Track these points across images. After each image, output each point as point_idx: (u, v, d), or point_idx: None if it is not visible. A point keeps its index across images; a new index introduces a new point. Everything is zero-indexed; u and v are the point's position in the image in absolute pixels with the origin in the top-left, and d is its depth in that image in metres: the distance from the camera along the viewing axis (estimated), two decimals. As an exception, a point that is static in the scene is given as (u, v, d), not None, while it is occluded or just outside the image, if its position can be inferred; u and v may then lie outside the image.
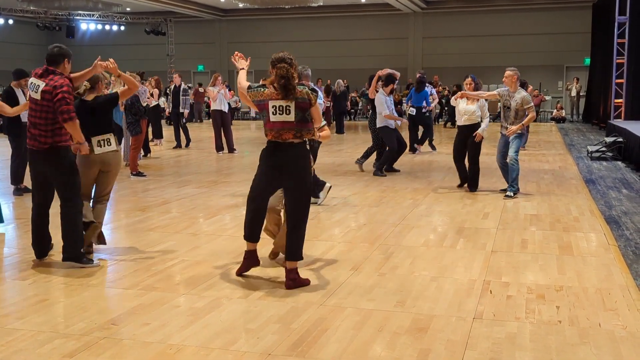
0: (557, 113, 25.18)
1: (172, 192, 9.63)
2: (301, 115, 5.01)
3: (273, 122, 5.01)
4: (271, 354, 3.82)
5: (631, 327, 4.23)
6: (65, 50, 5.80)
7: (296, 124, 4.99)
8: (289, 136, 5.00)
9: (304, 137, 5.06)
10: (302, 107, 5.02)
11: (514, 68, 8.96)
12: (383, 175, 11.02)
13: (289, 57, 5.13)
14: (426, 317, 4.41)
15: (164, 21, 30.48)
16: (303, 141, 5.07)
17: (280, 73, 4.98)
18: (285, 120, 4.99)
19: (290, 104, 4.99)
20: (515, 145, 8.89)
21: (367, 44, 29.99)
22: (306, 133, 5.06)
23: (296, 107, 5.00)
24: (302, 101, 5.02)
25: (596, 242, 6.47)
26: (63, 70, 5.70)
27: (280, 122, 4.99)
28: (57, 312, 4.59)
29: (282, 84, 4.97)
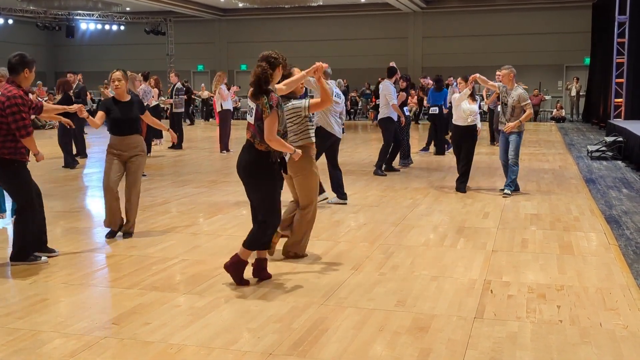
0: (557, 113, 25.18)
1: (172, 191, 9.63)
2: (259, 122, 4.92)
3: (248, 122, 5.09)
4: (272, 354, 3.82)
5: (632, 326, 4.23)
6: (26, 59, 5.62)
7: (253, 127, 4.97)
8: (248, 135, 5.04)
9: (256, 145, 4.94)
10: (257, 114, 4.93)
11: (508, 66, 9.02)
12: (383, 174, 11.04)
13: (273, 56, 5.01)
14: (427, 316, 4.41)
15: (163, 21, 30.47)
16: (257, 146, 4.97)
17: (256, 72, 4.92)
18: (249, 121, 5.03)
19: (253, 106, 4.97)
20: (515, 144, 8.90)
21: (367, 43, 29.99)
22: (257, 142, 4.94)
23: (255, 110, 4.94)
24: (258, 108, 4.92)
25: (596, 242, 6.47)
26: (22, 80, 5.60)
27: (249, 123, 5.05)
28: (57, 311, 4.58)
29: (251, 82, 4.97)
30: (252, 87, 4.97)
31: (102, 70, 29.62)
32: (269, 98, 4.89)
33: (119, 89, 6.66)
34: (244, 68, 32.28)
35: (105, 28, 31.18)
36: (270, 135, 4.87)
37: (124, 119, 6.64)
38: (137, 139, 6.75)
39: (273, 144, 4.91)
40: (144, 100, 12.52)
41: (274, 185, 5.06)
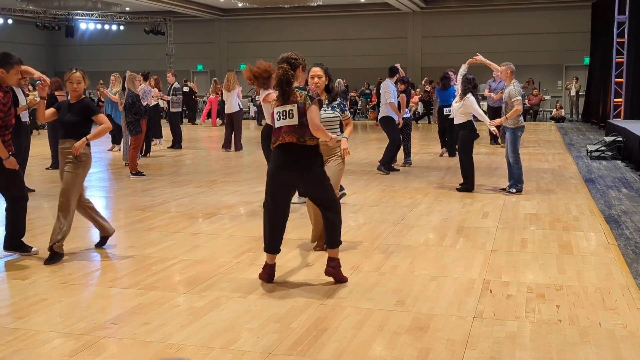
0: (557, 112, 25.18)
1: (172, 191, 9.63)
2: (303, 120, 4.92)
3: (277, 128, 5.01)
4: (271, 353, 3.82)
5: (631, 326, 4.23)
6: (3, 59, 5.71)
7: (299, 128, 4.93)
8: (291, 138, 4.93)
9: (307, 142, 4.95)
10: (301, 111, 4.93)
11: (506, 63, 9.09)
12: (387, 172, 11.08)
13: (293, 57, 5.08)
14: (426, 316, 4.41)
15: (163, 21, 30.47)
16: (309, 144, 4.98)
17: (278, 74, 4.96)
18: (291, 124, 4.94)
19: (293, 108, 4.93)
20: (510, 142, 8.99)
21: (366, 43, 30.00)
22: (308, 139, 4.95)
23: (298, 111, 4.93)
24: (299, 105, 4.93)
25: (596, 242, 6.47)
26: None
27: (286, 126, 4.95)
28: (57, 311, 4.58)
29: (274, 86, 5.00)
30: (277, 91, 4.99)
31: (102, 70, 29.68)
32: (307, 90, 4.97)
33: (77, 91, 6.03)
34: (243, 68, 32.14)
35: (105, 28, 31.18)
36: (317, 124, 4.91)
37: (61, 122, 6.08)
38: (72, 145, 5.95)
39: (319, 133, 4.94)
40: (143, 100, 12.51)
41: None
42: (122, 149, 13.42)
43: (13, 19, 28.59)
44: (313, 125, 4.90)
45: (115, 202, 8.90)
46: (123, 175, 11.40)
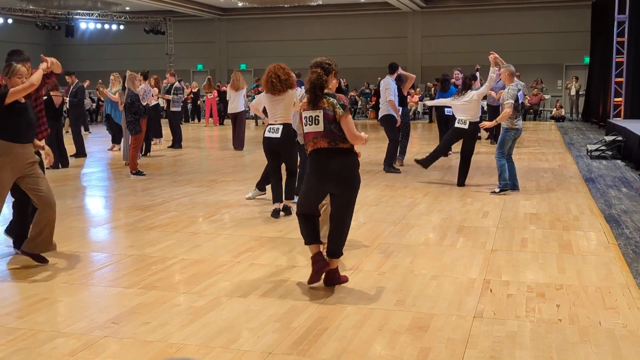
0: (557, 112, 25.19)
1: (172, 191, 9.63)
2: (329, 127, 4.83)
3: (307, 134, 4.95)
4: (271, 353, 3.82)
5: (631, 325, 4.23)
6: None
7: (328, 134, 4.84)
8: (322, 144, 4.86)
9: (339, 145, 4.86)
10: (327, 118, 4.84)
11: (507, 65, 9.14)
12: (397, 171, 11.11)
13: (327, 62, 4.99)
14: (426, 315, 4.41)
15: (163, 20, 30.48)
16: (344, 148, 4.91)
17: (311, 78, 4.87)
18: (316, 130, 4.87)
19: (318, 114, 4.86)
20: (499, 140, 9.14)
21: (366, 42, 30.00)
22: (340, 142, 4.86)
23: (324, 117, 4.84)
24: (325, 112, 4.85)
25: (596, 241, 6.47)
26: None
27: (313, 133, 4.89)
28: (57, 311, 4.59)
29: (307, 90, 4.91)
30: (308, 95, 4.90)
31: (102, 70, 29.70)
32: (337, 98, 4.88)
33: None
34: (243, 67, 32.28)
35: (105, 27, 31.18)
36: (355, 134, 4.85)
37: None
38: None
39: (357, 141, 4.88)
40: (143, 99, 12.50)
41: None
42: (122, 149, 13.43)
43: (13, 19, 28.57)
44: (351, 135, 4.83)
45: (115, 202, 8.90)
46: (123, 174, 11.41)
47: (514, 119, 8.89)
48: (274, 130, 7.43)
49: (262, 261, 5.77)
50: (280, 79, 7.30)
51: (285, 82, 7.34)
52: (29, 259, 5.81)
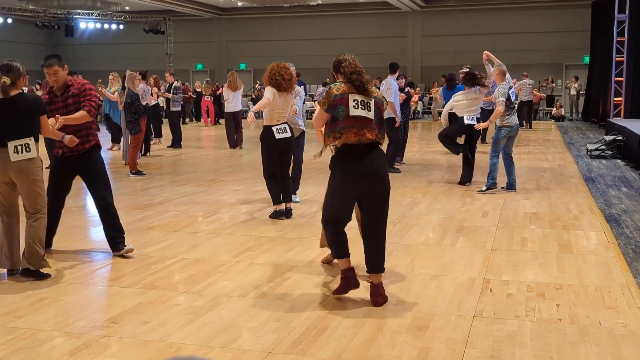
0: (557, 111, 25.18)
1: (172, 190, 9.62)
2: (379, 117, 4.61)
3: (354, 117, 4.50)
4: (271, 352, 3.82)
5: (631, 325, 4.23)
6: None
7: (375, 124, 4.58)
8: (371, 135, 4.54)
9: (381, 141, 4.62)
10: (379, 108, 4.63)
11: (498, 64, 9.20)
12: (397, 171, 11.10)
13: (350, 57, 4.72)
14: (426, 315, 4.41)
15: (162, 20, 30.47)
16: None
17: (350, 70, 4.60)
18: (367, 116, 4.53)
19: (370, 101, 4.59)
20: (493, 138, 9.20)
21: (366, 42, 29.96)
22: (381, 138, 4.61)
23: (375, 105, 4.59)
24: (377, 101, 4.64)
25: (596, 240, 6.47)
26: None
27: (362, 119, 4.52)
28: (57, 310, 4.58)
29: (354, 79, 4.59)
30: (354, 83, 4.57)
31: (101, 70, 29.67)
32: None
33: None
34: (243, 67, 32.28)
35: (105, 27, 31.19)
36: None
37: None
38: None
39: (384, 139, 4.69)
40: (142, 99, 12.50)
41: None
42: (121, 148, 13.42)
43: (13, 18, 28.58)
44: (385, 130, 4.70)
45: (115, 201, 8.85)
46: (123, 174, 11.40)
47: (506, 116, 8.95)
48: (282, 130, 7.46)
49: (262, 261, 5.77)
50: (285, 79, 7.34)
51: (289, 82, 7.41)
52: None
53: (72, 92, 5.75)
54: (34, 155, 5.19)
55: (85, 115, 5.69)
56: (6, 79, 5.12)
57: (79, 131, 5.73)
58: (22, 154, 5.14)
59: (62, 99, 5.81)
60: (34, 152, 5.19)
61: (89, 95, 5.76)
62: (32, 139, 5.18)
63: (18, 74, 5.19)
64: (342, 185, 4.59)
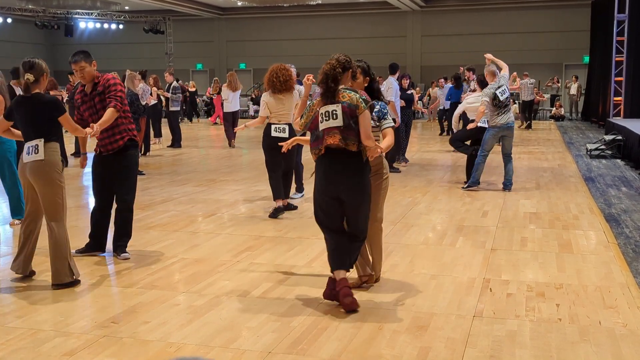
0: (556, 111, 25.17)
1: (171, 190, 9.62)
2: (348, 122, 4.47)
3: (322, 129, 4.52)
4: (271, 352, 3.82)
5: (631, 324, 4.23)
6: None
7: (344, 130, 4.47)
8: (333, 140, 4.47)
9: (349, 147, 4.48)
10: (349, 113, 4.47)
11: (487, 65, 9.31)
12: (397, 170, 11.12)
13: (345, 58, 4.58)
14: (426, 315, 4.41)
15: (162, 20, 30.46)
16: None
17: (324, 69, 4.52)
18: (335, 125, 4.47)
19: (336, 108, 4.47)
20: (482, 139, 9.27)
21: (365, 42, 29.96)
22: (351, 144, 4.48)
23: (342, 111, 4.46)
24: (346, 106, 4.48)
25: (596, 240, 6.47)
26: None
27: (330, 128, 4.49)
28: (57, 310, 4.58)
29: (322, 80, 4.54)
30: (322, 89, 4.54)
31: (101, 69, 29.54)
32: (360, 94, 4.56)
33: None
34: (242, 67, 32.28)
35: (104, 27, 31.18)
36: (369, 133, 4.48)
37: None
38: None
39: (369, 142, 4.47)
40: (142, 99, 12.49)
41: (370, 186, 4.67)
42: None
43: (12, 18, 28.57)
44: (366, 134, 4.46)
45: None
46: (122, 174, 11.39)
47: (495, 116, 9.00)
48: (280, 130, 7.53)
49: (262, 260, 5.77)
50: (280, 80, 7.41)
51: (284, 83, 7.46)
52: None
53: (98, 90, 5.69)
54: (42, 157, 5.01)
55: (113, 113, 5.58)
56: (29, 76, 5.07)
57: (106, 130, 5.66)
58: (32, 156, 5.04)
59: (90, 97, 5.75)
60: (42, 155, 5.01)
61: (113, 90, 5.67)
62: (41, 141, 5.04)
63: (40, 71, 5.13)
64: (317, 190, 4.65)
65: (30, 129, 5.09)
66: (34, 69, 5.09)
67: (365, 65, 5.02)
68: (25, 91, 5.09)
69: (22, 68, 5.09)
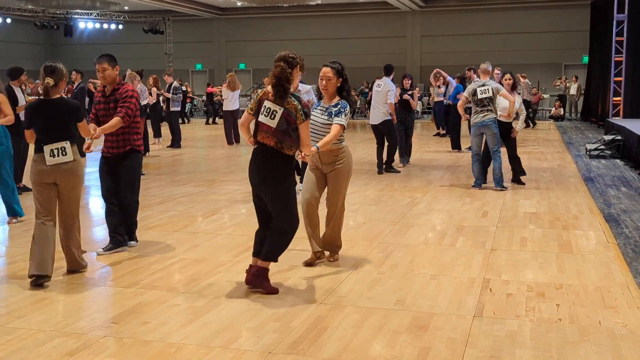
0: (556, 111, 25.17)
1: (171, 190, 9.62)
2: (284, 127, 4.75)
3: (260, 123, 4.79)
4: (271, 352, 3.82)
5: (631, 324, 4.23)
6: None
7: (278, 133, 4.75)
8: (268, 140, 4.78)
9: (284, 150, 4.78)
10: (287, 119, 4.75)
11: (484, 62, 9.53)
12: (397, 171, 11.12)
13: (291, 56, 4.86)
14: (426, 315, 4.41)
15: (162, 20, 30.45)
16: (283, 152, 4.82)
17: (275, 72, 4.77)
18: (269, 124, 4.76)
19: (278, 110, 4.74)
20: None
21: (365, 42, 29.98)
22: (287, 147, 4.79)
23: (282, 116, 4.74)
24: (287, 113, 4.74)
25: (595, 240, 6.47)
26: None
27: (265, 125, 4.77)
28: (57, 310, 4.58)
29: (273, 85, 4.78)
30: (273, 89, 4.76)
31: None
32: (302, 104, 4.80)
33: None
34: (242, 67, 32.27)
35: (104, 27, 31.16)
36: (308, 142, 4.86)
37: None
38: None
39: (306, 149, 4.89)
40: (141, 99, 12.48)
41: (293, 188, 4.93)
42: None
43: (12, 18, 28.55)
44: (306, 143, 4.85)
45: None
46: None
47: (473, 114, 9.16)
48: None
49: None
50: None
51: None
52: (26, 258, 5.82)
53: (116, 97, 5.95)
54: (70, 158, 5.21)
55: (118, 122, 5.82)
56: (49, 80, 5.19)
57: (115, 135, 5.94)
58: (58, 158, 5.17)
59: (108, 100, 6.02)
60: (70, 156, 5.21)
61: (128, 102, 5.92)
62: (68, 143, 5.22)
63: (60, 76, 5.28)
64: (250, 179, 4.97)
65: (54, 132, 5.20)
66: (55, 73, 5.24)
67: (339, 67, 5.48)
68: (45, 95, 5.22)
69: (44, 71, 5.24)
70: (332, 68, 5.42)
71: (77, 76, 14.52)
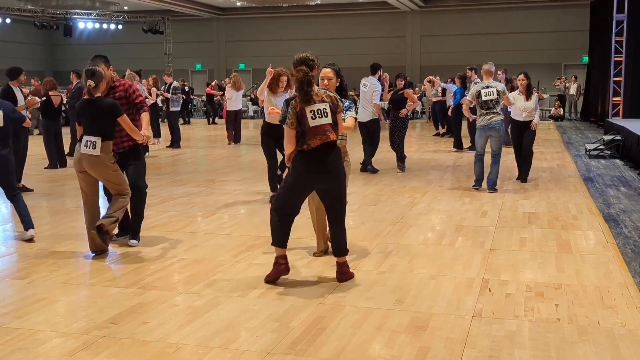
0: (555, 111, 25.17)
1: (171, 190, 9.62)
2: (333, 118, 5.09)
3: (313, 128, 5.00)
4: (270, 353, 3.82)
5: (630, 324, 4.23)
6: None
7: (333, 126, 5.08)
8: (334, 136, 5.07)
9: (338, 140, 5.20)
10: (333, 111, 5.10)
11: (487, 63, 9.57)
12: (375, 170, 11.10)
13: (311, 58, 5.31)
14: (425, 315, 4.41)
15: (161, 20, 30.46)
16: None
17: (298, 77, 5.02)
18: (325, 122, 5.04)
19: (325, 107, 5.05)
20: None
21: (365, 42, 29.99)
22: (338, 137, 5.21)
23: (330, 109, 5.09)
24: (332, 105, 5.10)
25: (595, 240, 6.47)
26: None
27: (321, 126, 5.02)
28: (56, 311, 4.58)
29: (298, 89, 5.04)
30: (299, 93, 5.02)
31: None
32: (334, 93, 5.23)
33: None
34: (242, 67, 32.27)
35: (103, 27, 31.15)
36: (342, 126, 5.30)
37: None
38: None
39: (345, 130, 5.43)
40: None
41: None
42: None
43: (11, 18, 28.55)
44: (342, 127, 5.27)
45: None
46: (122, 174, 11.38)
47: (479, 117, 9.12)
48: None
49: (261, 261, 5.77)
50: (279, 86, 8.02)
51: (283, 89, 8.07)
52: (27, 259, 5.82)
53: (117, 95, 6.16)
54: (98, 153, 5.78)
55: (146, 115, 6.30)
56: (91, 82, 5.77)
57: (120, 131, 6.12)
58: (87, 150, 5.80)
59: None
60: (98, 151, 5.78)
61: (138, 95, 6.30)
62: (99, 139, 5.79)
63: (100, 78, 5.83)
64: (295, 182, 5.09)
65: (93, 127, 5.83)
66: (95, 76, 5.80)
67: (337, 68, 5.77)
68: (90, 95, 5.84)
69: (85, 75, 5.82)
70: (332, 69, 5.73)
71: (74, 77, 14.53)
